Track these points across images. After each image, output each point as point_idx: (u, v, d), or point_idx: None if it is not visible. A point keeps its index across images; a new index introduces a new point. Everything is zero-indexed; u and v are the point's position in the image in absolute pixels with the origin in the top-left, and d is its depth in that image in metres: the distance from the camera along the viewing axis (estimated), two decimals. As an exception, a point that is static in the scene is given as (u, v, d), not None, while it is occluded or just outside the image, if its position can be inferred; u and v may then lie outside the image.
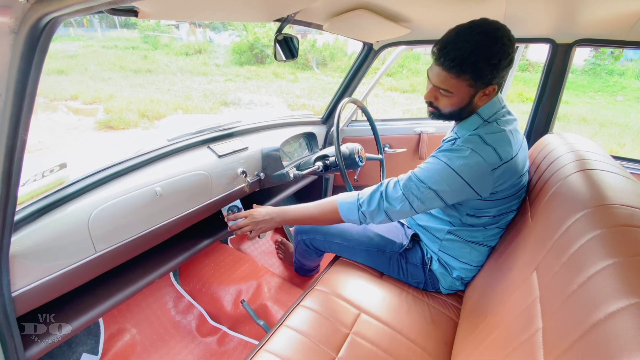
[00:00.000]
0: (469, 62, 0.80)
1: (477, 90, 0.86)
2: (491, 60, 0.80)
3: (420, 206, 0.91)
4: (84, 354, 1.17)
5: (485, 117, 0.92)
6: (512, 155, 0.86)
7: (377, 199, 0.95)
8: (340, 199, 1.02)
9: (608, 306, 0.44)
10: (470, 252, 1.04)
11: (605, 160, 0.87)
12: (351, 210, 0.99)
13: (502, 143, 0.86)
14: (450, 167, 0.85)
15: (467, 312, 0.97)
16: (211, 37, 13.74)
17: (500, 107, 0.93)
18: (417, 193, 0.89)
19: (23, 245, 0.74)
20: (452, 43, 0.81)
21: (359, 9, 1.05)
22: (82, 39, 12.49)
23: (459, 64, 0.81)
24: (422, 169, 0.91)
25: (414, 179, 0.90)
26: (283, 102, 7.96)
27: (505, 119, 0.92)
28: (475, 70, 0.81)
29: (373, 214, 0.96)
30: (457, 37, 0.81)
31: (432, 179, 0.88)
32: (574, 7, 1.06)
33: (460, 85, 0.85)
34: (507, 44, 0.80)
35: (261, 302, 1.39)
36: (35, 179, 0.87)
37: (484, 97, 0.89)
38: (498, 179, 0.87)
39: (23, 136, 0.52)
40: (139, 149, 1.07)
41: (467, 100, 0.89)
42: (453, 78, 0.84)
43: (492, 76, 0.83)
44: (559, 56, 1.41)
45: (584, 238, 0.59)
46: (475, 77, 0.83)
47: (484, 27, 0.80)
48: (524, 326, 0.60)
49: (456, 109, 0.91)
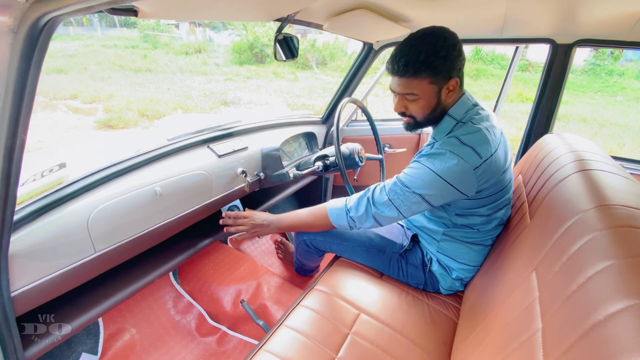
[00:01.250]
0: (420, 61, 0.85)
1: (440, 86, 0.90)
2: (439, 53, 0.85)
3: (407, 210, 0.93)
4: (84, 353, 1.17)
5: (457, 117, 0.94)
6: (491, 152, 0.87)
7: (364, 204, 0.97)
8: (330, 205, 1.05)
9: (607, 307, 0.44)
10: (468, 252, 1.04)
11: (605, 160, 0.87)
12: (340, 216, 1.02)
13: (479, 142, 0.87)
14: (432, 171, 0.87)
15: (467, 312, 0.97)
16: (211, 36, 13.74)
17: (470, 105, 0.95)
18: (402, 198, 0.91)
19: (22, 245, 0.74)
20: (399, 53, 0.88)
21: (359, 8, 1.05)
22: (82, 38, 12.48)
23: (412, 66, 0.86)
24: (406, 175, 0.92)
25: (399, 184, 0.92)
26: (283, 101, 7.96)
27: (479, 116, 0.93)
28: (428, 65, 0.85)
29: (361, 219, 0.98)
30: (402, 47, 0.88)
31: (416, 184, 0.89)
32: (574, 7, 1.06)
33: (422, 85, 0.89)
34: (448, 37, 0.86)
35: (261, 302, 1.39)
36: (35, 179, 0.86)
37: (450, 93, 0.92)
38: (481, 177, 0.87)
39: (22, 136, 0.52)
40: (139, 149, 1.07)
41: (435, 100, 0.91)
42: (413, 80, 0.88)
43: (447, 68, 0.87)
44: (559, 56, 1.41)
45: (583, 239, 0.59)
46: (432, 73, 0.87)
47: (422, 32, 0.87)
48: (523, 327, 0.60)
49: (428, 111, 0.94)
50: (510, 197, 1.02)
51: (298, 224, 1.12)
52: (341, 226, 1.04)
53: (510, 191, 1.00)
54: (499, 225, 1.03)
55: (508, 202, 1.01)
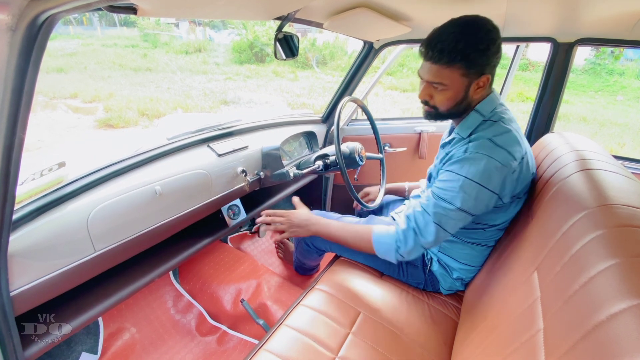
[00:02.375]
0: (458, 50, 0.81)
1: (471, 80, 0.86)
2: (479, 45, 0.81)
3: (453, 228, 0.90)
4: (83, 353, 1.17)
5: (484, 113, 0.91)
6: (522, 155, 0.86)
7: (412, 237, 0.92)
8: (377, 234, 0.99)
9: (610, 307, 0.44)
10: (470, 252, 1.03)
11: (607, 160, 0.87)
12: (389, 251, 0.96)
13: (512, 143, 0.85)
14: (471, 180, 0.83)
15: (467, 312, 0.97)
16: (211, 35, 13.73)
17: (498, 103, 0.93)
18: (447, 219, 0.87)
19: (21, 244, 0.74)
20: (438, 37, 0.83)
21: (359, 7, 1.05)
22: (82, 37, 12.47)
23: (448, 54, 0.81)
24: (445, 190, 0.87)
25: (441, 205, 0.87)
26: (283, 100, 7.95)
27: (508, 117, 0.91)
28: (465, 57, 0.81)
29: (411, 251, 0.93)
30: (441, 31, 0.83)
31: (459, 199, 0.85)
32: (576, 6, 1.06)
33: (453, 76, 0.85)
34: (491, 30, 0.82)
35: (261, 301, 1.39)
36: (34, 178, 0.86)
37: (479, 90, 0.88)
38: (518, 180, 0.86)
39: (21, 135, 0.52)
40: (139, 148, 1.07)
41: (463, 93, 0.88)
42: (445, 69, 0.84)
43: (483, 63, 0.84)
44: (560, 55, 1.40)
45: (585, 238, 0.58)
46: (466, 65, 0.83)
47: (465, 19, 0.83)
48: (524, 327, 0.60)
49: (453, 103, 0.90)
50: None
51: (336, 238, 1.06)
52: (386, 258, 0.98)
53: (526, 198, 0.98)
54: (503, 229, 1.02)
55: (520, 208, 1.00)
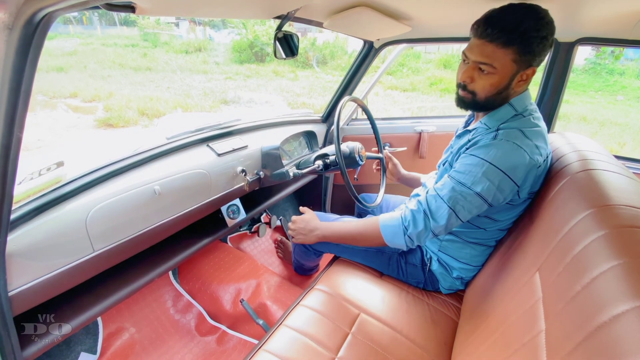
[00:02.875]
0: (519, 31, 0.76)
1: (519, 69, 0.81)
2: (540, 32, 0.76)
3: (466, 216, 0.86)
4: (83, 353, 1.17)
5: (518, 108, 0.88)
6: (548, 153, 0.86)
7: (422, 219, 0.89)
8: (383, 221, 0.96)
9: (613, 308, 0.43)
10: (471, 252, 1.03)
11: (608, 160, 0.87)
12: (397, 235, 0.93)
13: (540, 138, 0.84)
14: (494, 166, 0.80)
15: (468, 312, 0.96)
16: (211, 35, 13.72)
17: (530, 101, 0.91)
18: (463, 203, 0.84)
19: (20, 244, 0.73)
20: (499, 15, 0.78)
21: (359, 6, 1.04)
22: (82, 36, 12.45)
23: (508, 32, 0.76)
24: (465, 174, 0.84)
25: (458, 189, 0.84)
26: (283, 100, 7.95)
27: (537, 114, 0.90)
28: (524, 40, 0.76)
29: (420, 234, 0.90)
30: (503, 10, 0.78)
31: (478, 183, 0.82)
32: (576, 5, 1.05)
33: (505, 59, 0.80)
34: (551, 23, 0.78)
35: (260, 301, 1.38)
36: (32, 177, 0.86)
37: (521, 83, 0.85)
38: (539, 177, 0.85)
39: (18, 134, 0.51)
40: (138, 147, 1.06)
41: (507, 82, 0.83)
42: (499, 49, 0.78)
43: (536, 52, 0.79)
44: (561, 55, 1.40)
45: (587, 239, 0.58)
46: (522, 50, 0.78)
47: (526, 4, 0.78)
48: (526, 327, 0.59)
49: (494, 91, 0.85)
50: None
51: (345, 237, 1.04)
52: (395, 245, 0.94)
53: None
54: (505, 229, 1.01)
55: None
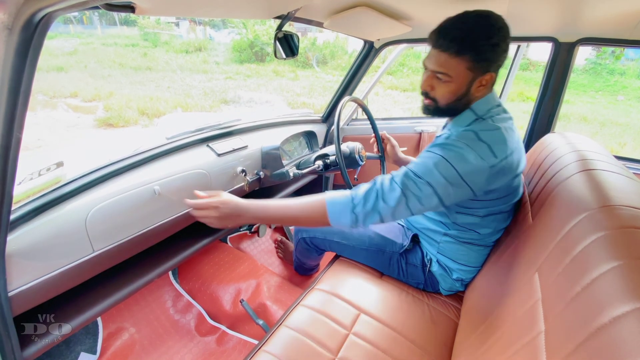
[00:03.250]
0: (469, 40, 0.79)
1: (476, 76, 0.84)
2: (491, 39, 0.79)
3: (416, 205, 0.83)
4: (82, 353, 1.17)
5: (479, 112, 0.89)
6: (506, 154, 0.83)
7: (372, 198, 0.85)
8: (330, 198, 0.88)
9: (613, 310, 0.43)
10: (468, 253, 1.03)
11: (608, 160, 0.86)
12: (343, 212, 0.86)
13: (496, 141, 0.83)
14: (446, 160, 0.81)
15: (467, 313, 0.96)
16: (211, 34, 13.72)
17: (495, 104, 0.91)
18: (414, 190, 0.82)
19: (19, 244, 0.73)
20: (451, 25, 0.81)
21: (360, 6, 1.04)
22: (82, 36, 12.45)
23: (459, 42, 0.79)
24: (417, 164, 0.85)
25: (411, 175, 0.83)
26: (283, 100, 7.95)
27: (501, 116, 0.89)
28: (475, 48, 0.79)
29: (367, 215, 0.85)
30: (455, 20, 0.81)
31: (429, 174, 0.82)
32: (578, 5, 1.05)
33: (459, 68, 0.82)
34: (503, 28, 0.80)
35: (260, 301, 1.38)
36: (32, 178, 0.86)
37: (481, 88, 0.87)
38: (492, 178, 0.83)
39: (18, 134, 0.51)
40: (138, 147, 1.06)
41: (465, 88, 0.86)
42: (453, 58, 0.81)
43: (490, 59, 0.81)
44: (561, 55, 1.40)
45: (587, 240, 0.58)
46: (475, 58, 0.80)
47: (479, 12, 0.81)
48: (525, 328, 0.59)
49: (453, 98, 0.87)
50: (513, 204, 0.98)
51: (283, 217, 0.92)
52: (340, 224, 0.87)
53: (516, 199, 0.97)
54: (500, 230, 1.01)
55: (510, 208, 0.98)
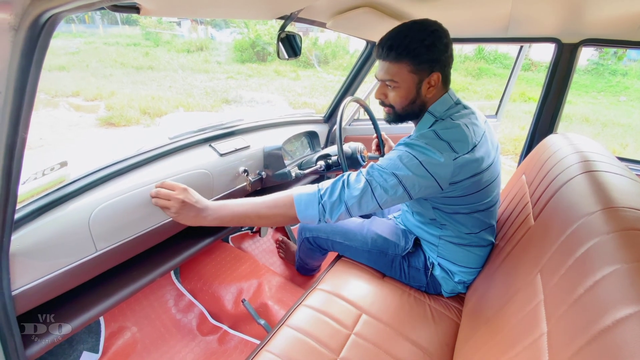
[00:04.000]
0: (403, 45, 0.85)
1: (421, 77, 0.89)
2: (424, 41, 0.84)
3: (382, 195, 0.84)
4: (85, 352, 1.17)
5: (437, 114, 0.93)
6: (468, 149, 0.84)
7: (338, 188, 0.86)
8: (298, 191, 0.89)
9: (616, 312, 0.43)
10: (467, 255, 1.03)
11: (611, 161, 0.86)
12: (310, 202, 0.86)
13: (456, 138, 0.85)
14: (410, 153, 0.84)
15: (469, 314, 0.96)
16: (213, 34, 13.73)
17: (452, 103, 0.94)
18: (379, 180, 0.84)
19: (23, 243, 0.73)
20: (388, 36, 0.88)
21: (363, 6, 1.04)
22: (84, 35, 12.48)
23: (395, 49, 0.86)
24: (383, 159, 0.89)
25: (376, 167, 0.87)
26: (284, 100, 7.95)
27: (460, 113, 0.91)
28: (410, 52, 0.85)
29: (334, 205, 0.85)
30: (392, 31, 0.88)
31: (393, 165, 0.84)
32: (581, 6, 1.05)
33: (402, 72, 0.88)
34: (437, 30, 0.86)
35: (262, 301, 1.39)
36: (36, 177, 0.86)
37: (431, 89, 0.91)
38: (457, 170, 0.84)
39: (23, 134, 0.51)
40: (140, 147, 1.07)
41: (414, 91, 0.91)
42: (393, 65, 0.88)
43: (430, 59, 0.86)
44: (564, 56, 1.40)
45: (590, 241, 0.58)
46: (414, 61, 0.86)
47: (415, 20, 0.88)
48: (527, 329, 0.59)
49: (406, 102, 0.92)
50: (493, 200, 0.98)
51: (245, 214, 0.87)
52: (307, 217, 0.86)
53: (492, 195, 0.97)
54: (488, 228, 1.01)
55: (491, 205, 0.98)
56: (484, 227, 1.01)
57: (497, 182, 1.00)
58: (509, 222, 1.05)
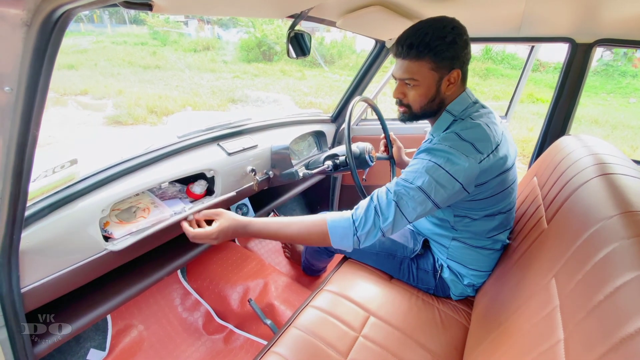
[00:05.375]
0: (425, 43, 0.83)
1: (442, 75, 0.87)
2: (445, 38, 0.82)
3: (411, 213, 0.82)
4: (92, 349, 1.18)
5: (455, 113, 0.91)
6: (492, 149, 0.83)
7: (372, 216, 0.83)
8: (332, 220, 0.85)
9: (638, 320, 0.42)
10: (478, 257, 1.02)
11: (627, 164, 0.84)
12: (346, 235, 0.84)
13: (479, 137, 0.84)
14: (434, 163, 0.82)
15: (479, 317, 0.95)
16: (219, 33, 13.77)
17: (470, 102, 0.92)
18: (407, 198, 0.82)
19: (33, 241, 0.74)
20: (405, 35, 0.86)
21: (374, 5, 1.03)
22: (92, 34, 12.59)
23: (416, 47, 0.84)
24: (408, 172, 0.85)
25: (401, 183, 0.84)
26: (290, 99, 7.95)
27: (479, 113, 0.90)
28: (432, 49, 0.83)
29: (369, 234, 0.84)
30: (410, 29, 0.86)
31: (419, 179, 0.82)
32: (596, 5, 1.03)
33: (422, 70, 0.86)
34: (457, 27, 0.84)
35: (268, 301, 1.38)
36: (46, 175, 0.86)
37: (450, 86, 0.89)
38: (480, 174, 0.83)
39: (34, 132, 0.51)
40: (149, 146, 1.07)
41: (434, 89, 0.89)
42: (414, 63, 0.86)
43: (451, 56, 0.84)
44: (578, 56, 1.37)
45: (609, 246, 0.56)
46: (435, 58, 0.84)
47: (431, 18, 0.86)
48: (543, 336, 0.58)
49: (425, 100, 0.90)
50: (514, 201, 0.98)
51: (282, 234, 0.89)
52: (342, 247, 0.86)
53: (514, 195, 0.96)
54: (505, 230, 1.00)
55: (513, 205, 0.98)
56: (502, 230, 0.99)
57: (517, 183, 0.99)
58: (520, 225, 1.03)
